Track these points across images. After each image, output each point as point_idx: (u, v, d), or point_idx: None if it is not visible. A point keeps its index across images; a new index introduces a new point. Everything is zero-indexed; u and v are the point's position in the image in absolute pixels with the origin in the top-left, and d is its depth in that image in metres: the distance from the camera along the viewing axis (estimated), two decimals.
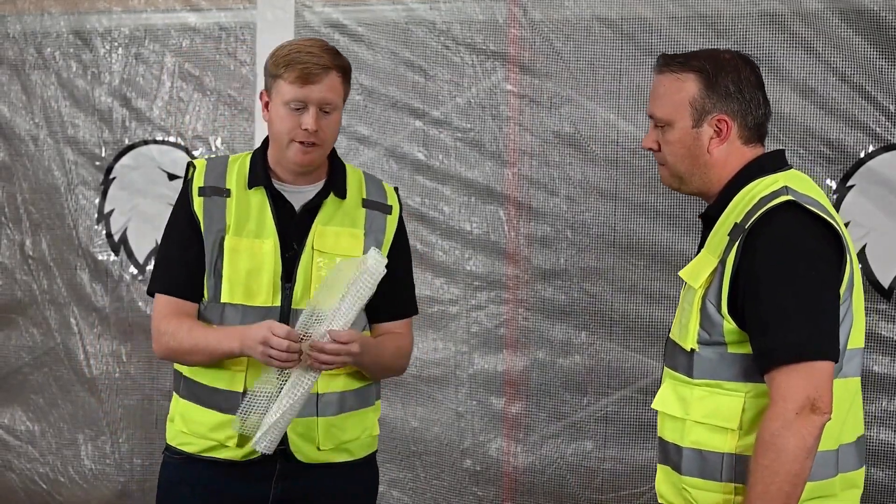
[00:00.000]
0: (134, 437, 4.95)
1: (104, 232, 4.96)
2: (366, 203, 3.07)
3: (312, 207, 3.01)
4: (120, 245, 4.94)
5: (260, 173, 3.01)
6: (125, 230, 4.94)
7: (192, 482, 3.03)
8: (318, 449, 2.98)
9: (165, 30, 4.88)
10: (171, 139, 4.89)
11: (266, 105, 2.99)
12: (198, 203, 3.00)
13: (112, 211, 4.95)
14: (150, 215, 4.89)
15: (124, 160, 4.94)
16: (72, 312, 4.99)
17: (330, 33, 4.59)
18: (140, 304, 4.91)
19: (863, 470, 2.61)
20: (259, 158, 3.04)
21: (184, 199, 3.04)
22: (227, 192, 3.00)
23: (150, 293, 3.09)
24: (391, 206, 3.10)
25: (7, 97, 5.03)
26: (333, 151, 3.09)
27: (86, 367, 4.97)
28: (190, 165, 3.07)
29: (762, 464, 2.38)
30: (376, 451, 3.18)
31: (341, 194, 3.03)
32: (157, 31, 4.89)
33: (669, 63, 2.64)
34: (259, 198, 2.99)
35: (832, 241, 2.47)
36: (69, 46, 4.97)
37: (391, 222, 3.08)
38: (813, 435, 2.37)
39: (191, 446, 3.02)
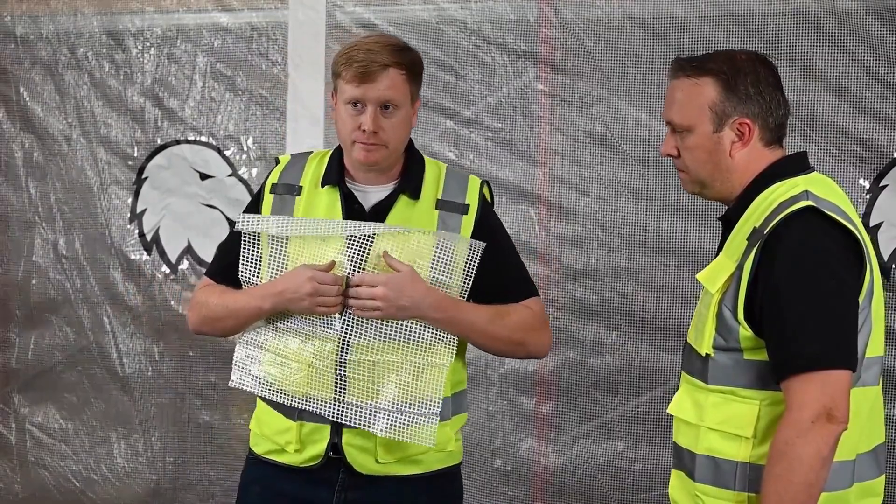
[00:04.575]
0: (166, 436, 4.97)
1: (136, 231, 4.98)
2: (439, 204, 2.94)
3: (382, 208, 2.93)
4: (152, 244, 4.96)
5: (334, 171, 2.95)
6: (157, 229, 4.97)
7: (262, 482, 3.02)
8: (377, 461, 2.91)
9: (197, 30, 4.90)
10: (203, 139, 4.91)
11: (335, 104, 2.93)
12: (267, 201, 2.99)
13: (144, 210, 4.98)
14: (182, 215, 4.92)
15: (156, 160, 4.96)
16: (105, 311, 5.01)
17: (361, 33, 4.59)
18: (172, 302, 4.93)
19: (882, 478, 2.58)
20: (336, 156, 2.98)
21: (257, 194, 3.04)
22: (299, 190, 2.96)
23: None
24: (468, 205, 2.95)
25: (40, 97, 5.06)
26: (411, 147, 3.01)
27: (118, 365, 5.00)
28: (276, 160, 3.06)
29: (776, 472, 2.36)
30: (459, 464, 3.07)
31: (414, 195, 2.93)
32: (189, 31, 4.91)
33: (684, 67, 2.60)
34: (330, 196, 2.94)
35: (852, 248, 2.43)
36: (102, 47, 4.99)
37: (466, 222, 2.94)
38: (828, 444, 2.34)
39: (260, 447, 3.02)
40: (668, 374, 4.33)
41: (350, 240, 2.87)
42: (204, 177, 4.92)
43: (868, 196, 4.12)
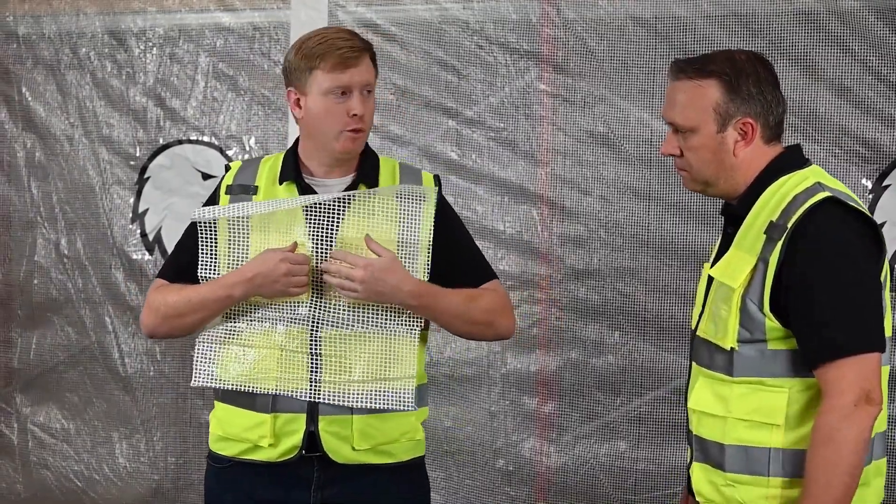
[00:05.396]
0: (168, 436, 4.97)
1: (139, 231, 4.98)
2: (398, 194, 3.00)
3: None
4: (154, 244, 4.96)
5: (290, 168, 2.98)
6: (159, 229, 4.97)
7: (233, 490, 3.00)
8: (354, 449, 2.92)
9: (199, 30, 4.90)
10: (206, 139, 4.91)
11: (297, 102, 2.94)
12: (223, 202, 3.00)
13: (146, 210, 4.98)
14: (184, 214, 4.91)
15: (159, 160, 4.97)
16: (106, 311, 5.01)
17: (363, 33, 4.57)
18: None
19: (884, 459, 2.63)
20: (291, 155, 3.01)
21: (212, 197, 3.05)
22: (255, 190, 2.98)
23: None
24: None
25: (43, 97, 5.06)
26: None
27: (120, 365, 5.00)
28: (227, 167, 3.08)
29: (822, 456, 2.42)
30: (423, 456, 3.10)
31: (372, 186, 2.98)
32: (192, 31, 4.91)
33: (685, 69, 2.63)
34: (289, 193, 2.97)
35: (872, 236, 2.50)
36: (104, 46, 4.99)
37: (426, 208, 2.99)
38: (869, 426, 2.42)
39: (228, 450, 2.99)
40: (671, 374, 4.33)
41: (311, 221, 2.91)
42: (206, 177, 4.92)
43: (870, 196, 4.11)
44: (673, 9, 4.30)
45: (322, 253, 2.90)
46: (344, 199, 2.92)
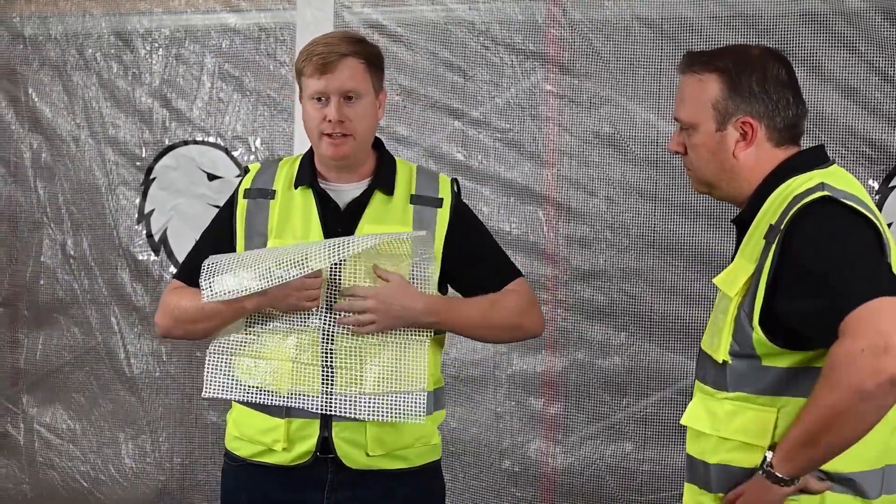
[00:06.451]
0: (174, 436, 4.97)
1: (144, 232, 4.98)
2: (414, 199, 2.98)
3: (358, 206, 2.96)
4: (160, 245, 4.96)
5: (306, 173, 2.98)
6: (165, 230, 4.97)
7: (249, 489, 3.00)
8: (367, 455, 2.92)
9: (205, 31, 4.90)
10: (211, 139, 4.91)
11: (303, 105, 2.97)
12: (241, 206, 3.00)
13: (152, 211, 4.98)
14: (190, 215, 4.92)
15: (164, 160, 4.97)
16: (112, 312, 5.02)
17: (369, 34, 4.59)
18: None
19: None
20: (307, 159, 3.02)
21: (230, 200, 3.05)
22: (272, 194, 2.98)
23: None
24: (441, 199, 3.00)
25: (49, 98, 5.06)
26: (382, 146, 3.05)
27: (126, 366, 5.00)
28: (246, 169, 3.08)
29: (811, 398, 2.20)
30: (439, 460, 3.10)
31: (388, 191, 2.97)
32: (198, 31, 4.91)
33: (692, 63, 2.51)
34: (304, 197, 2.97)
35: (872, 237, 2.30)
36: (110, 47, 4.99)
37: (441, 215, 2.99)
38: (875, 379, 2.09)
39: (242, 450, 3.00)
40: (677, 376, 4.32)
41: (327, 229, 2.91)
42: (212, 177, 4.92)
43: (877, 197, 4.11)
44: (679, 10, 4.30)
45: (336, 263, 2.88)
46: (354, 244, 2.84)
